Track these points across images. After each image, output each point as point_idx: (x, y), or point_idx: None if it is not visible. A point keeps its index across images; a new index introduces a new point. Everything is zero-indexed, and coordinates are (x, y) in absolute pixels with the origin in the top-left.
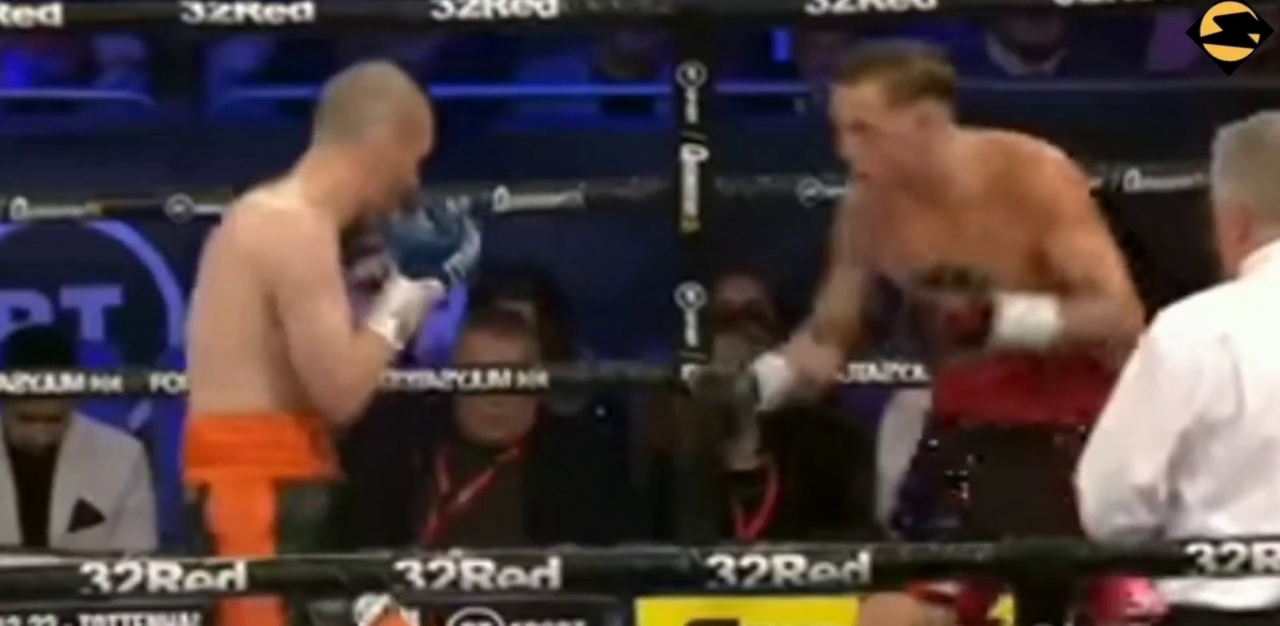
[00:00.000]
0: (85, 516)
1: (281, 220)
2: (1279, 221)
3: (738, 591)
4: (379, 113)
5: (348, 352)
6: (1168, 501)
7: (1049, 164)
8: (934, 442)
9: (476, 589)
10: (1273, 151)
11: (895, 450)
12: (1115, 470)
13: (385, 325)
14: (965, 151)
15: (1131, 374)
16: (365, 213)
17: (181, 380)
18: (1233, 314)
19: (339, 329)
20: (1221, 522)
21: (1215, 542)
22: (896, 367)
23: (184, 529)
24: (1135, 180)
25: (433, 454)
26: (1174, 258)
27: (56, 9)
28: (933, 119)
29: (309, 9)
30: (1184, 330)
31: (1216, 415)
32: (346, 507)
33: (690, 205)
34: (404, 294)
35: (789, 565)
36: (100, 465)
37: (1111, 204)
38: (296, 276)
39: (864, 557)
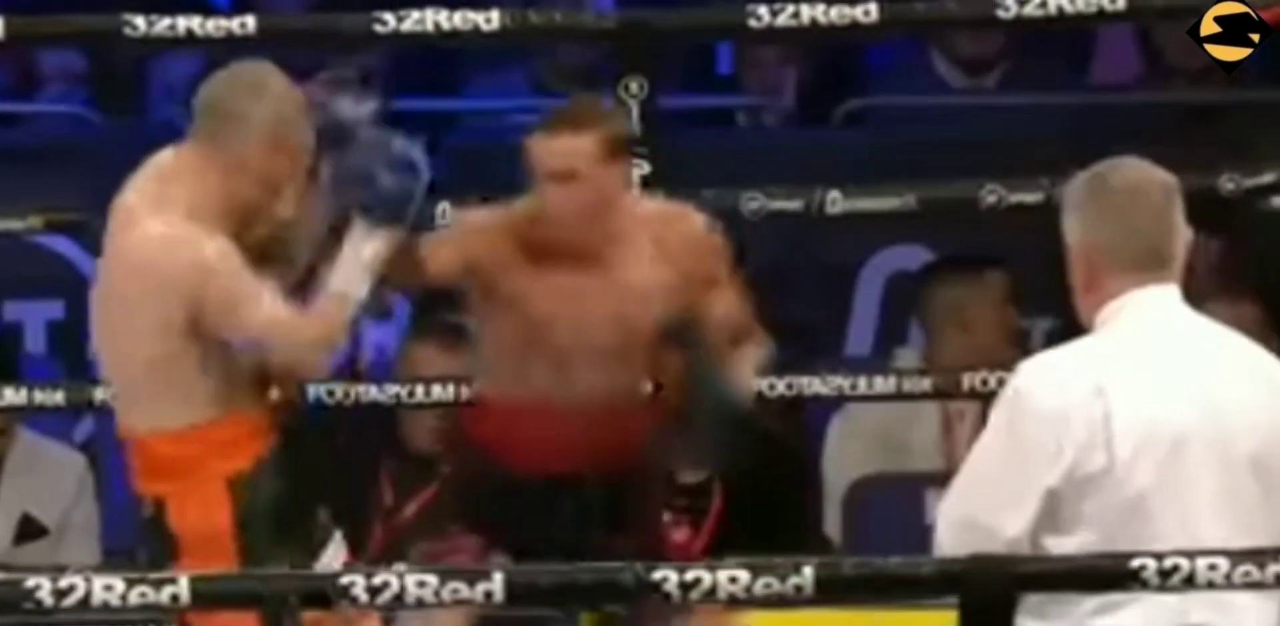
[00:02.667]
0: (30, 530)
1: (181, 248)
2: (1126, 271)
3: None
4: (248, 117)
5: (299, 333)
6: (1032, 553)
7: (704, 227)
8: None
9: (421, 604)
10: (1118, 198)
11: (841, 462)
12: (980, 522)
13: (353, 284)
14: (641, 212)
15: (997, 424)
16: (251, 215)
17: None
18: (1103, 365)
19: (275, 320)
20: None
21: (1158, 556)
22: (841, 381)
23: (141, 541)
24: None
25: (377, 467)
26: None
27: None
28: (629, 178)
29: (250, 23)
30: (1054, 382)
31: (1087, 469)
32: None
33: None
34: (371, 245)
35: (733, 579)
36: (45, 479)
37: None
38: (217, 296)
39: (808, 572)
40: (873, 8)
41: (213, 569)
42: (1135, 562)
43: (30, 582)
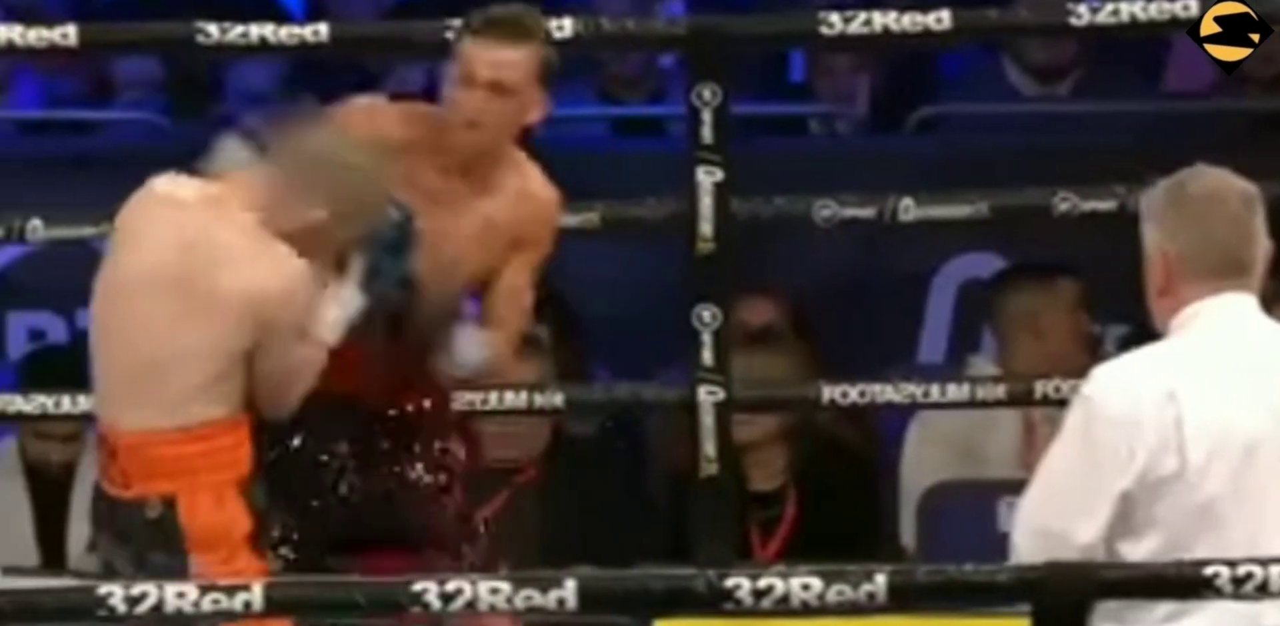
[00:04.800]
0: None
1: (274, 268)
2: (1203, 278)
3: (755, 613)
4: (328, 187)
5: (305, 379)
6: (1106, 560)
7: (550, 196)
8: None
9: (493, 610)
10: (1198, 206)
11: (918, 468)
12: (1054, 529)
13: (331, 331)
14: (513, 156)
15: (1070, 430)
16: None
17: None
18: (1175, 370)
19: (307, 363)
20: None
21: (1232, 564)
22: (914, 389)
23: (135, 542)
24: None
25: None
26: None
27: (71, 30)
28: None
29: (323, 30)
30: (1126, 386)
31: (1159, 473)
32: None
33: (706, 226)
34: (357, 300)
35: (805, 587)
36: None
37: None
38: (295, 318)
39: (880, 579)
40: (945, 15)
41: (229, 567)
42: (1209, 570)
43: (103, 590)
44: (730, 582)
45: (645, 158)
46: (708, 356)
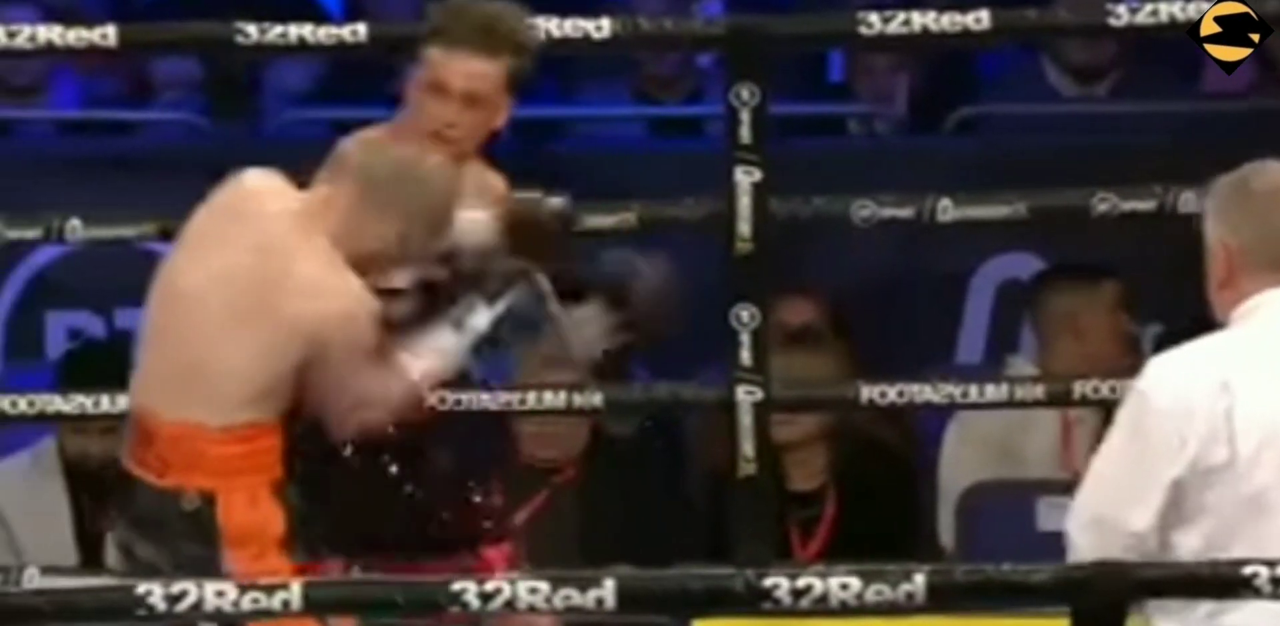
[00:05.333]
0: None
1: (335, 297)
2: (1263, 270)
3: (793, 613)
4: (408, 202)
5: (375, 400)
6: (1159, 550)
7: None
8: None
9: (532, 610)
10: (1261, 200)
11: (956, 468)
12: (1107, 518)
13: (428, 371)
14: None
15: (1123, 421)
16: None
17: None
18: (1230, 361)
19: (385, 393)
20: None
21: (1271, 564)
22: (952, 389)
23: (166, 530)
24: (1190, 202)
25: (488, 475)
26: None
27: (111, 30)
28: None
29: (362, 30)
30: (1179, 377)
31: (1210, 462)
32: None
33: (744, 226)
34: (462, 341)
35: (844, 586)
36: None
37: None
38: (352, 345)
39: (919, 579)
40: (984, 15)
41: (261, 565)
42: (1247, 570)
43: (142, 588)
44: (769, 582)
45: (683, 158)
46: (746, 356)
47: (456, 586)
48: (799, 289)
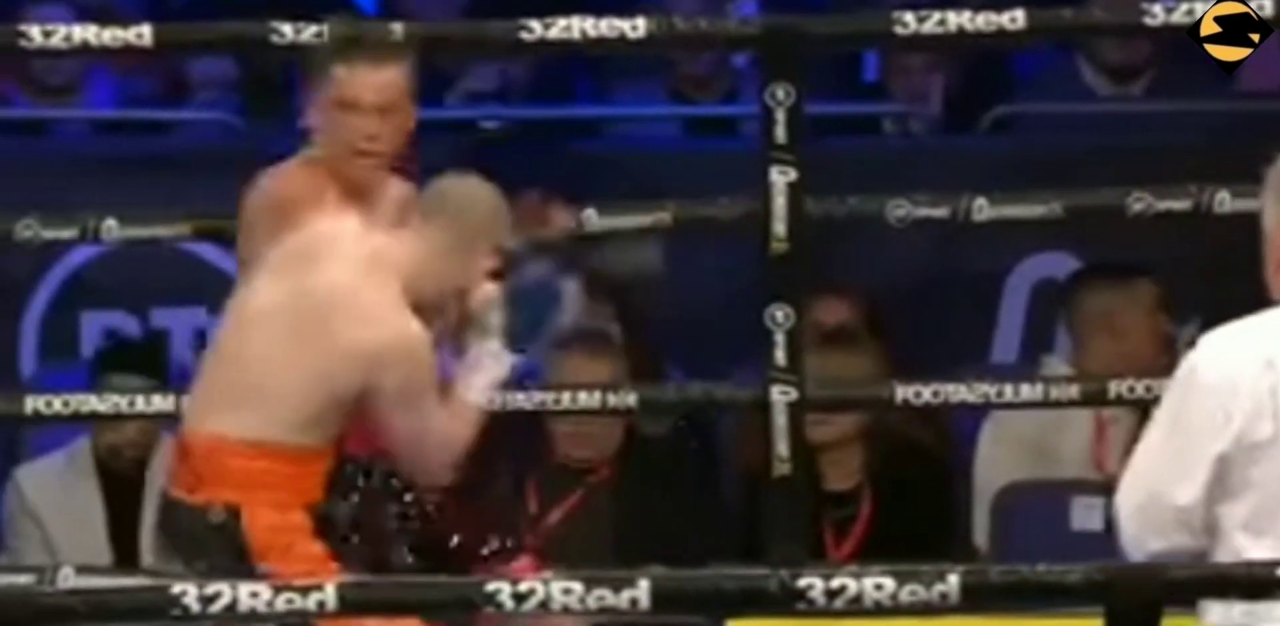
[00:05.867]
0: None
1: (390, 330)
2: None
3: (827, 613)
4: (478, 227)
5: (447, 441)
6: (1206, 526)
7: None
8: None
9: (566, 610)
10: None
11: (991, 468)
12: (1153, 493)
13: (479, 392)
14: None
15: (1171, 399)
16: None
17: None
18: (1276, 339)
19: (449, 425)
20: (1260, 548)
21: None
22: (987, 389)
23: (197, 546)
24: (1225, 202)
25: (523, 475)
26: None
27: (146, 30)
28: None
29: (398, 30)
30: (1224, 352)
31: (1254, 438)
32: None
33: (779, 225)
34: (504, 363)
35: (879, 586)
36: None
37: None
38: (405, 385)
39: (953, 579)
40: (1020, 15)
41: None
42: None
43: (176, 588)
44: (803, 582)
45: (718, 157)
46: (781, 356)
47: (491, 587)
48: (834, 289)
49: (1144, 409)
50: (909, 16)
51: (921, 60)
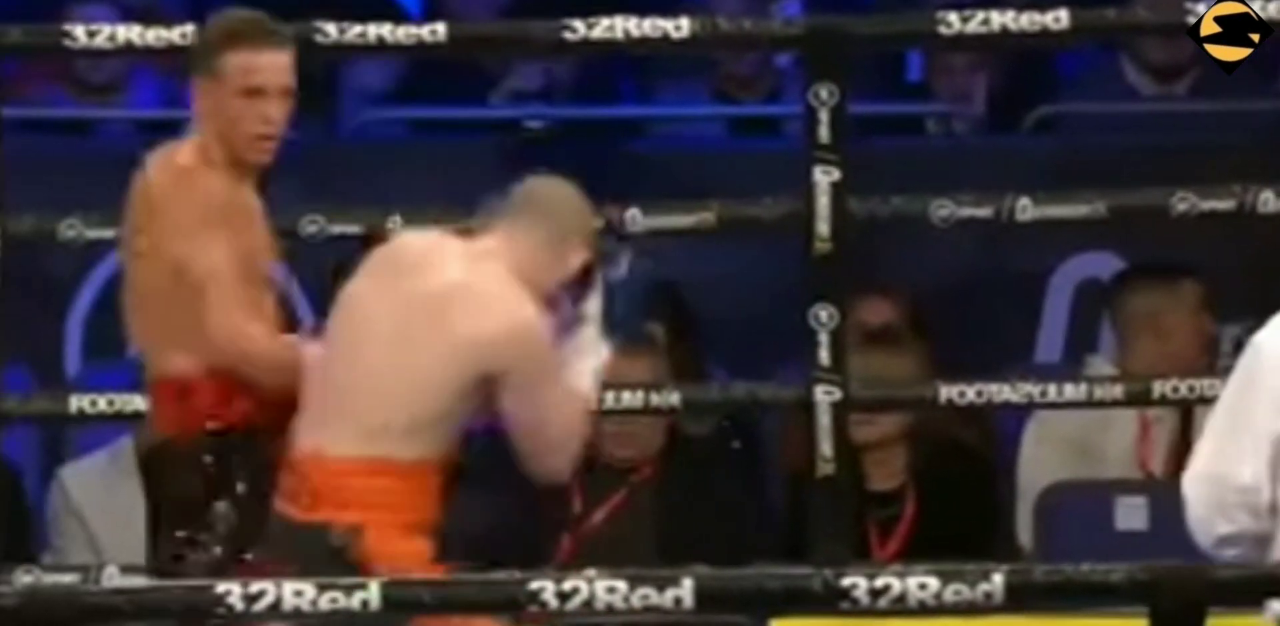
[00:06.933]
0: None
1: (512, 320)
2: None
3: (871, 612)
4: (569, 227)
5: (566, 431)
6: (1271, 509)
7: None
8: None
9: (610, 609)
10: None
11: (1035, 467)
12: (1217, 475)
13: (587, 379)
14: None
15: (1235, 376)
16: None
17: None
18: None
19: (562, 412)
20: None
21: None
22: (1031, 388)
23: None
24: (1270, 201)
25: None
26: None
27: (190, 30)
28: None
29: (441, 30)
30: None
31: None
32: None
33: (823, 225)
34: (602, 353)
35: (923, 586)
36: None
37: None
38: (529, 372)
39: (998, 578)
40: (1063, 14)
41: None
42: None
43: (221, 587)
44: (847, 582)
45: (762, 157)
46: (824, 356)
47: (535, 585)
48: (878, 288)
49: (1188, 409)
50: (953, 16)
51: (965, 60)
